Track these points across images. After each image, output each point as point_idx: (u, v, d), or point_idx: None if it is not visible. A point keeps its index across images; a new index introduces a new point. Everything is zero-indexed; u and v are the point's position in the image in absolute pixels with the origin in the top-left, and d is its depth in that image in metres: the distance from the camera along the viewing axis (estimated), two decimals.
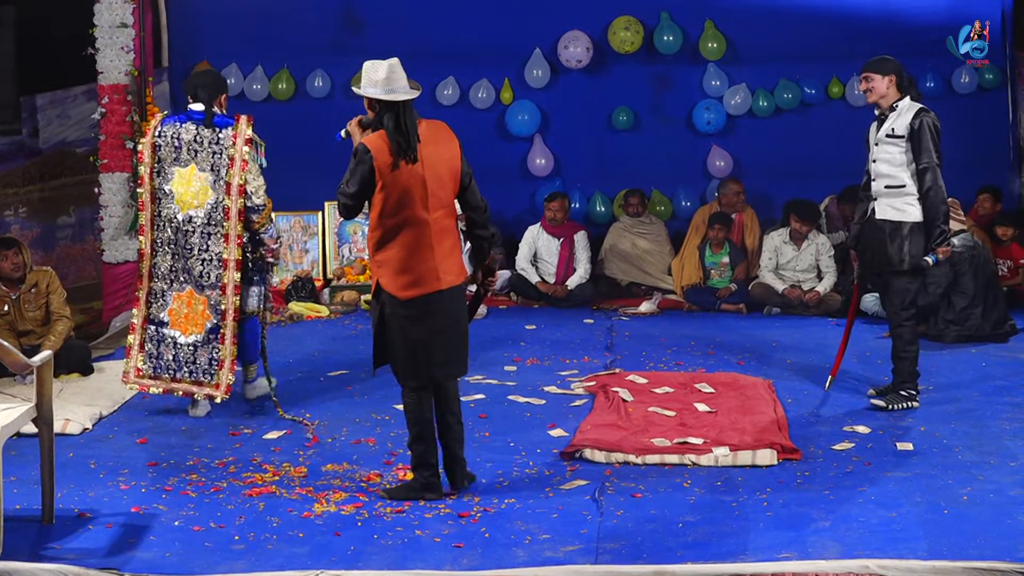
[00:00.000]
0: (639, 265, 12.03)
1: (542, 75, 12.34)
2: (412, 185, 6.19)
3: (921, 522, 5.89)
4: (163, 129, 7.91)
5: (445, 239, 6.32)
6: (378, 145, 6.22)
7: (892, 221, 7.92)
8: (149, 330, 7.98)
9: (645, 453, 6.90)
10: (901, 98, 7.96)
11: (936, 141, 7.87)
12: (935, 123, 7.89)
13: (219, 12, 12.34)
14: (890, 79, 7.94)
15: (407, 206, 6.19)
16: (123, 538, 5.84)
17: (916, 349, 8.02)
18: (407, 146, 6.21)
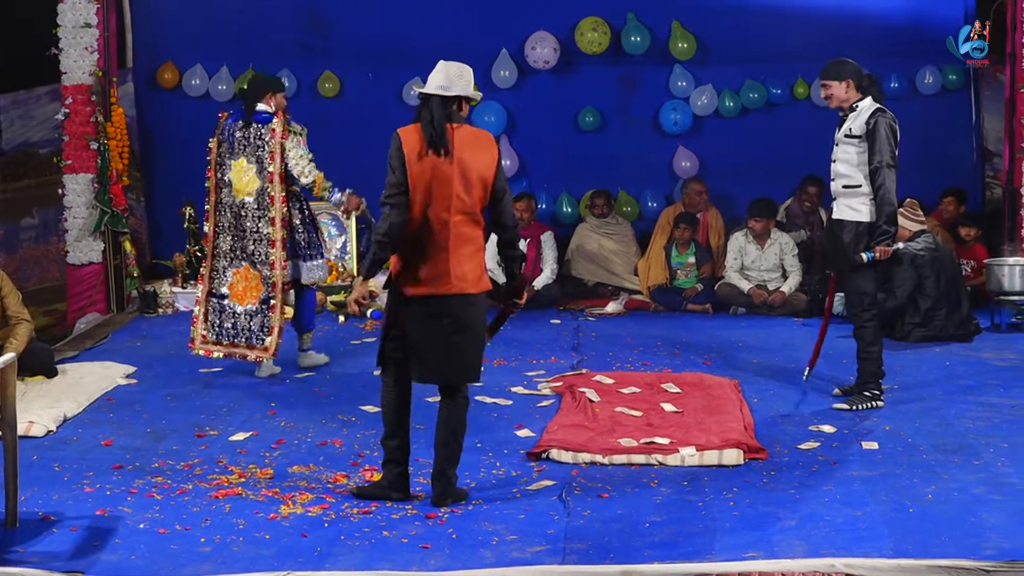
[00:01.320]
0: (605, 266, 12.05)
1: (509, 75, 12.35)
2: (437, 182, 6.17)
3: (886, 521, 5.91)
4: (224, 126, 9.00)
5: (464, 245, 6.22)
6: (409, 132, 6.30)
7: (848, 221, 7.97)
8: (212, 302, 9.02)
9: (612, 453, 6.90)
10: (861, 98, 7.99)
11: (892, 142, 7.89)
12: (891, 124, 7.91)
13: (184, 13, 12.30)
14: (847, 83, 7.97)
15: (430, 203, 6.17)
16: (88, 541, 5.80)
17: (879, 349, 8.06)
18: (437, 138, 6.20)
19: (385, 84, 12.50)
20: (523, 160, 12.57)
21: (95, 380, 8.66)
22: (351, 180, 11.86)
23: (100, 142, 11.11)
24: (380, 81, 12.50)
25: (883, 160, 7.84)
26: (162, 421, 7.81)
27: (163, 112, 12.39)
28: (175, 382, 8.79)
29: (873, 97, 8.02)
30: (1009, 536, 5.65)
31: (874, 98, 8.01)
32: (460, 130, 6.27)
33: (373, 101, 12.44)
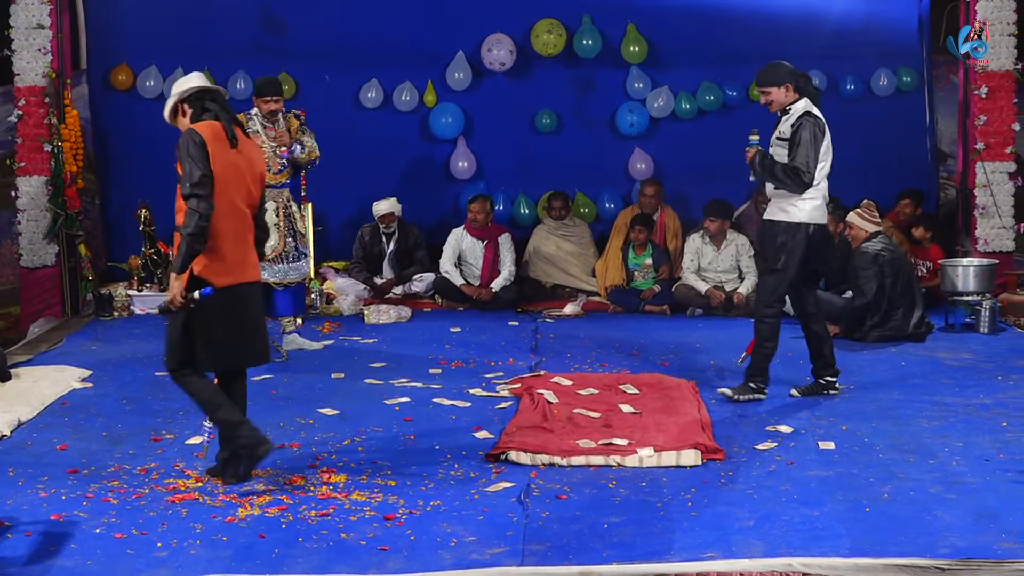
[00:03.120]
0: (563, 267, 12.07)
1: (465, 78, 12.35)
2: (235, 175, 6.47)
3: (843, 520, 5.94)
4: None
5: (249, 234, 6.62)
6: (205, 128, 6.46)
7: (775, 221, 8.06)
8: None
9: (570, 455, 6.91)
10: (797, 99, 8.04)
11: (812, 148, 7.88)
12: (815, 130, 7.91)
13: (138, 14, 12.23)
14: (786, 87, 8.02)
15: (232, 195, 6.45)
16: (43, 546, 5.75)
17: (774, 346, 8.17)
18: (232, 134, 6.49)
19: (341, 86, 12.47)
20: (480, 162, 12.57)
21: (50, 384, 8.59)
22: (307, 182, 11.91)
23: (54, 144, 11.03)
24: (336, 83, 12.47)
25: (795, 166, 7.86)
26: (118, 425, 7.76)
27: (117, 114, 12.31)
28: (131, 386, 8.73)
29: (809, 97, 8.05)
30: (964, 534, 5.69)
31: (810, 97, 8.06)
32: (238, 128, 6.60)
33: (329, 102, 12.41)
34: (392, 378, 8.84)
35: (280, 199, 9.45)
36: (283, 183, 9.52)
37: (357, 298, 11.52)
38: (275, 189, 9.37)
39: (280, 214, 9.43)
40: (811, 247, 8.01)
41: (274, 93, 9.48)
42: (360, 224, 12.20)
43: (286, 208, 9.48)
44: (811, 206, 7.99)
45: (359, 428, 7.60)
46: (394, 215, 11.96)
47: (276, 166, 9.42)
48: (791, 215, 7.99)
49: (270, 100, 9.44)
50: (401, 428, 7.62)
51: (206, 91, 6.60)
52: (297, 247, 9.52)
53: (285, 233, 9.45)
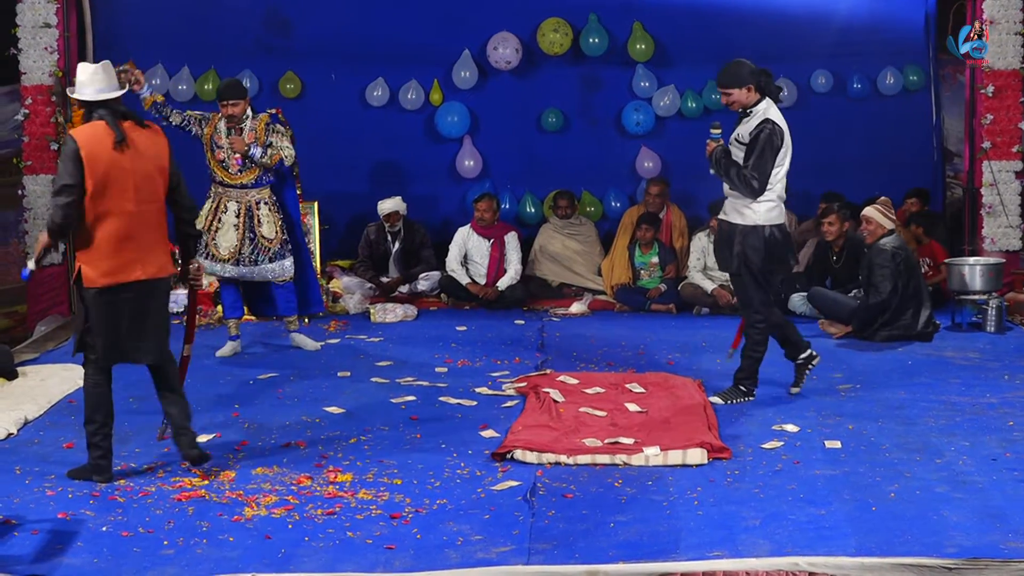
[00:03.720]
0: (569, 266, 12.07)
1: (471, 76, 12.35)
2: (117, 175, 6.48)
3: (850, 519, 5.94)
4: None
5: (153, 231, 6.63)
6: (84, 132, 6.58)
7: (731, 223, 8.04)
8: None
9: (576, 453, 6.91)
10: (759, 99, 7.97)
11: (767, 157, 7.81)
12: (774, 138, 7.83)
13: (144, 12, 12.24)
14: (748, 88, 7.93)
15: (106, 198, 6.46)
16: (50, 544, 5.76)
17: (763, 351, 8.15)
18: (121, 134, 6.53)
19: (347, 84, 12.47)
20: (486, 161, 12.57)
21: (56, 382, 8.60)
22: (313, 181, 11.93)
23: (60, 143, 11.04)
24: (342, 81, 12.47)
25: (746, 174, 7.82)
26: (124, 423, 7.75)
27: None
28: (137, 385, 8.67)
29: (771, 95, 7.99)
30: (971, 534, 5.68)
31: (771, 96, 7.99)
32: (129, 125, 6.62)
33: (335, 102, 12.42)
34: (398, 377, 8.85)
35: (244, 200, 9.40)
36: (245, 184, 9.40)
37: (363, 297, 11.52)
38: (236, 189, 9.40)
39: (242, 215, 9.39)
40: (770, 248, 7.97)
41: (232, 97, 9.31)
42: (366, 222, 12.21)
43: (248, 209, 9.40)
44: (766, 208, 7.94)
45: (365, 427, 7.60)
46: (399, 214, 11.96)
47: (235, 166, 9.37)
48: (747, 217, 7.95)
49: (227, 104, 9.30)
50: (407, 427, 7.62)
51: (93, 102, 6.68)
52: (257, 251, 9.40)
53: (243, 235, 9.39)
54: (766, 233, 7.94)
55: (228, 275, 9.47)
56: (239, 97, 9.35)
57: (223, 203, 9.42)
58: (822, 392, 8.35)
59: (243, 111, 9.37)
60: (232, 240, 9.37)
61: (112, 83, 6.73)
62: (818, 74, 12.41)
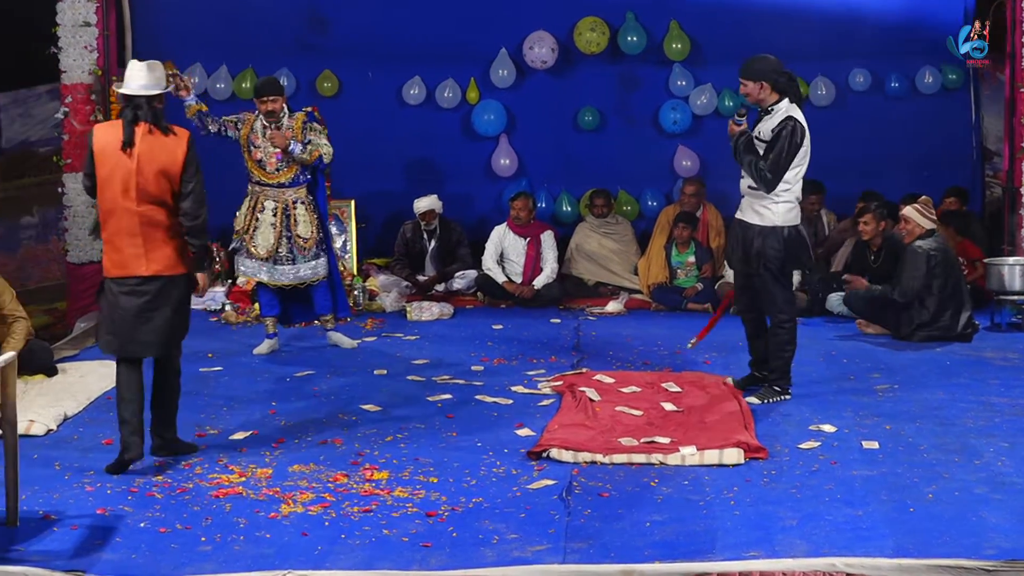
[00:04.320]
0: (605, 265, 12.05)
1: (508, 75, 12.36)
2: (120, 175, 6.73)
3: (887, 520, 5.91)
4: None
5: (153, 231, 6.76)
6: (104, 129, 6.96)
7: (748, 223, 8.03)
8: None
9: (612, 452, 6.90)
10: (779, 100, 7.94)
11: (786, 155, 7.80)
12: (795, 138, 7.81)
13: (183, 11, 12.29)
14: (761, 84, 7.90)
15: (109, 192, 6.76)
16: (89, 540, 5.80)
17: (793, 350, 8.14)
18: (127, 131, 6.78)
19: (384, 83, 12.50)
20: (522, 159, 12.58)
21: (96, 379, 8.65)
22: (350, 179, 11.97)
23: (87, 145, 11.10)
24: (379, 80, 12.51)
25: (762, 168, 7.83)
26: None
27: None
28: None
29: (791, 97, 7.94)
30: (1010, 535, 5.65)
31: (793, 98, 7.94)
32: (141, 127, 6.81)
33: (372, 100, 12.45)
34: (434, 375, 8.86)
35: (282, 199, 9.42)
36: (283, 183, 9.40)
37: (399, 295, 11.54)
38: (274, 188, 9.41)
39: (278, 213, 9.42)
40: (789, 248, 7.97)
41: (270, 93, 9.35)
42: (402, 221, 12.23)
43: (285, 208, 9.42)
44: (784, 209, 7.95)
45: (401, 425, 7.62)
46: (435, 212, 11.98)
47: (272, 165, 9.38)
48: (765, 218, 7.95)
49: (267, 100, 9.32)
50: (443, 425, 7.63)
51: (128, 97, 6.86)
52: (293, 251, 9.42)
53: (280, 234, 9.41)
54: (785, 234, 7.95)
55: (264, 279, 9.50)
56: (277, 93, 9.39)
57: (260, 202, 9.44)
58: (860, 392, 8.30)
59: (281, 108, 9.38)
60: (269, 239, 9.39)
61: (150, 81, 6.90)
62: (856, 73, 12.35)
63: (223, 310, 11.01)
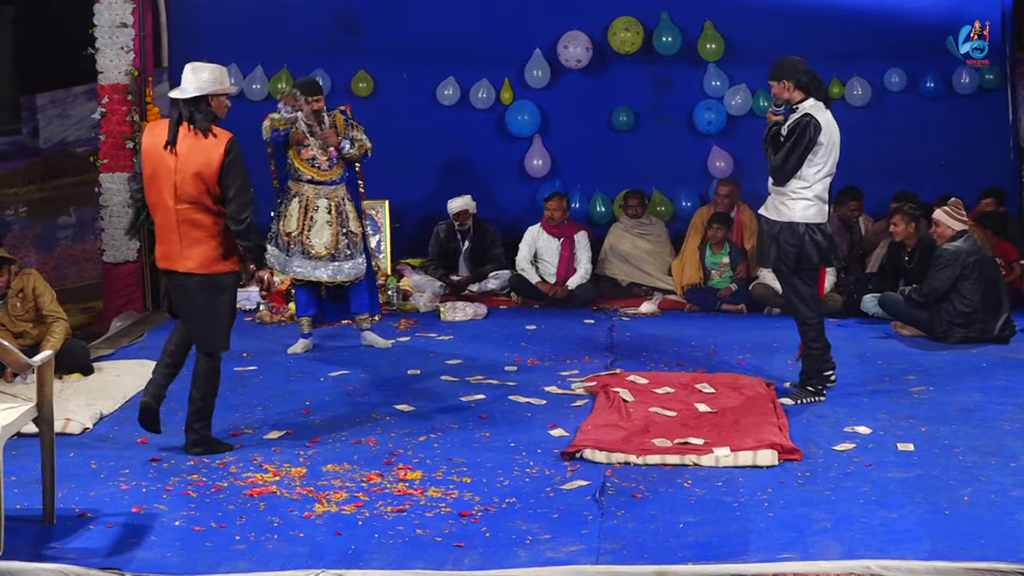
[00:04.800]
0: (639, 266, 12.03)
1: (542, 75, 12.35)
2: (161, 173, 6.90)
3: (922, 523, 5.88)
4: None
5: (191, 230, 6.91)
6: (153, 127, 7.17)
7: (769, 219, 8.09)
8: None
9: (646, 453, 6.89)
10: (804, 99, 8.00)
11: (798, 147, 7.85)
12: (809, 133, 7.85)
13: (219, 12, 12.35)
14: (784, 84, 7.98)
15: (153, 189, 6.95)
16: (124, 538, 5.84)
17: (821, 345, 8.14)
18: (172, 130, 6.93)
19: (418, 83, 12.52)
20: (556, 160, 12.57)
21: (131, 378, 8.70)
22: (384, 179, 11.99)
23: (136, 141, 11.16)
24: (414, 81, 12.52)
25: (778, 159, 7.91)
26: None
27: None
28: None
29: (816, 96, 8.00)
30: None
31: (819, 98, 8.00)
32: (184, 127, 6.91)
33: (407, 101, 12.47)
34: (468, 375, 8.87)
35: (334, 196, 9.48)
36: (334, 180, 9.49)
37: (433, 295, 11.56)
38: (327, 186, 9.46)
39: (333, 211, 9.47)
40: (805, 247, 7.98)
41: (315, 93, 9.45)
42: (436, 221, 12.25)
43: (339, 205, 9.50)
44: (802, 206, 7.96)
45: (435, 425, 7.63)
46: (468, 213, 11.99)
47: (325, 163, 9.44)
48: (782, 214, 8.02)
49: (312, 100, 9.40)
50: (477, 425, 7.64)
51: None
52: (349, 244, 9.50)
53: (338, 230, 9.47)
54: (801, 231, 7.97)
55: (317, 277, 9.47)
56: (322, 93, 9.55)
57: (312, 201, 9.46)
58: (895, 394, 8.27)
59: (323, 107, 9.51)
60: (327, 237, 9.41)
61: (190, 84, 6.99)
62: (892, 73, 12.29)
63: (258, 310, 11.05)
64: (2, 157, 10.91)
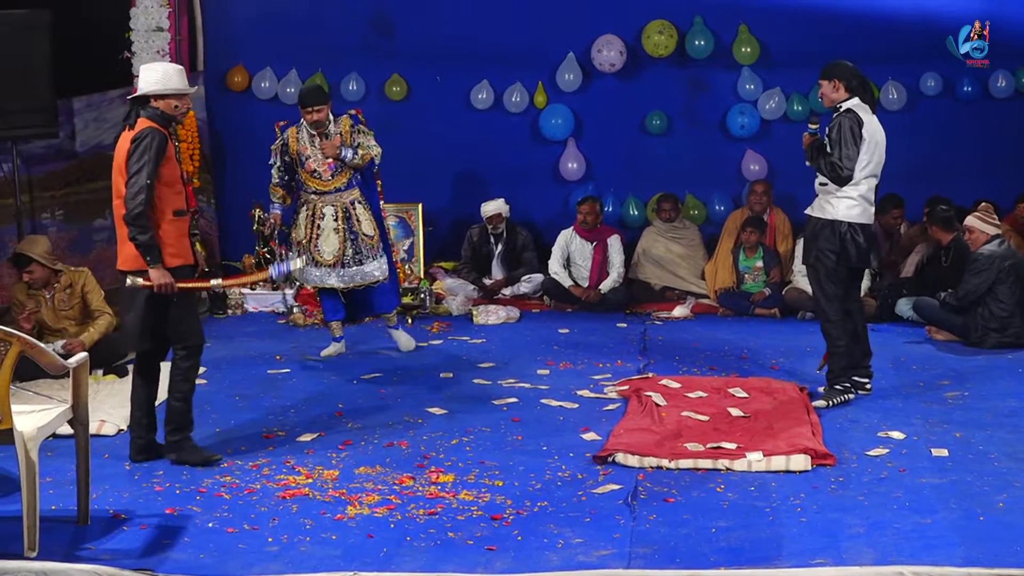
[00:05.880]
0: (672, 269, 12.01)
1: (575, 79, 12.34)
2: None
3: (956, 529, 5.85)
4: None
5: (121, 227, 6.95)
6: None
7: (815, 218, 8.17)
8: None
9: (678, 458, 6.88)
10: (848, 99, 8.10)
11: (849, 142, 7.95)
12: (853, 126, 7.97)
13: (254, 16, 12.39)
14: (835, 83, 8.12)
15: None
16: (157, 539, 5.88)
17: (846, 343, 8.15)
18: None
19: (452, 87, 12.53)
20: (590, 163, 12.55)
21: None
22: (417, 183, 12.00)
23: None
24: (447, 84, 12.53)
25: (831, 161, 7.99)
26: (230, 421, 7.89)
27: (233, 115, 12.49)
28: (243, 383, 8.86)
29: (861, 98, 8.11)
30: None
31: (863, 99, 8.12)
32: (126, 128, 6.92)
33: (440, 104, 12.48)
34: (500, 378, 8.87)
35: (340, 202, 9.36)
36: (339, 188, 9.35)
37: (466, 298, 11.56)
38: (330, 195, 9.35)
39: (340, 217, 9.35)
40: (844, 246, 8.00)
41: (314, 103, 9.23)
42: (470, 225, 12.26)
43: (345, 211, 9.35)
44: (846, 205, 8.02)
45: (467, 428, 7.64)
46: (502, 216, 11.99)
47: (327, 172, 9.32)
48: (826, 212, 8.09)
49: (311, 111, 9.22)
50: (509, 428, 7.65)
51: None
52: (361, 250, 9.38)
53: (344, 237, 9.34)
54: (843, 230, 8.00)
55: (331, 284, 9.44)
56: (322, 103, 9.27)
57: (319, 209, 9.37)
58: (929, 399, 8.23)
59: (326, 116, 9.29)
60: (334, 244, 9.36)
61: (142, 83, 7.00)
62: (927, 77, 12.21)
63: (291, 312, 11.08)
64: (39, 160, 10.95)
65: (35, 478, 5.70)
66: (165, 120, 6.94)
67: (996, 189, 11.63)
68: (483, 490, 6.46)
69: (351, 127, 9.37)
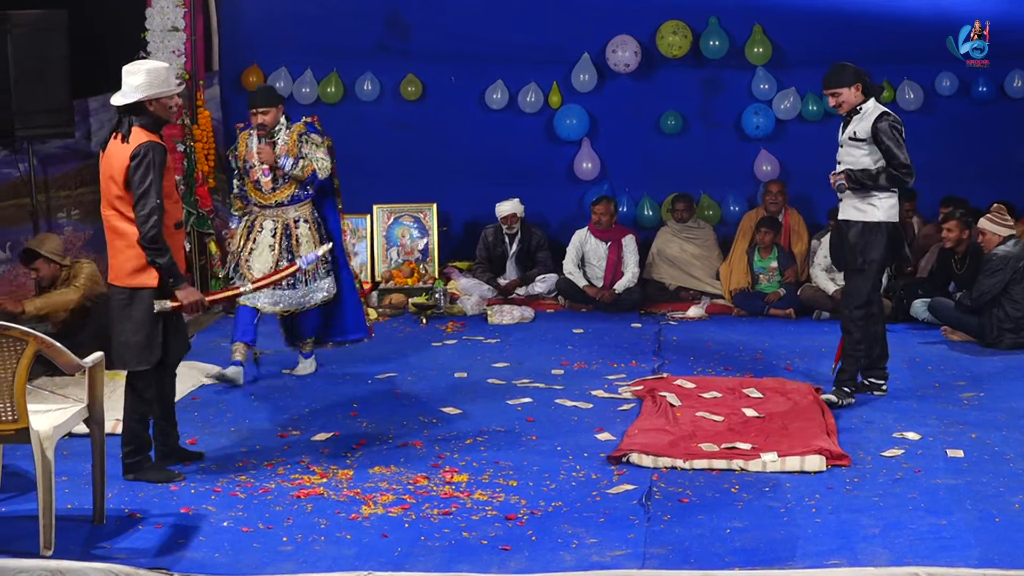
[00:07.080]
0: (687, 270, 12.00)
1: (590, 79, 12.34)
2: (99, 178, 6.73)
3: (972, 530, 5.84)
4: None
5: (115, 239, 6.65)
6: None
7: (852, 221, 8.09)
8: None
9: (693, 458, 6.88)
10: (865, 100, 8.09)
11: (900, 141, 7.95)
12: (896, 125, 7.98)
13: (269, 16, 12.42)
14: (856, 87, 8.09)
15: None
16: (172, 538, 5.89)
17: (865, 347, 8.15)
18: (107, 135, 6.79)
19: (467, 87, 12.54)
20: (604, 163, 12.55)
21: (180, 380, 8.73)
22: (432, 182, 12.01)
23: (187, 144, 11.24)
24: (462, 84, 12.54)
25: (902, 163, 7.94)
26: (245, 421, 7.91)
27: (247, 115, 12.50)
28: (258, 383, 8.87)
29: (875, 96, 8.14)
30: None
31: (876, 97, 8.16)
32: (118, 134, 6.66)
33: (455, 104, 12.49)
34: (514, 378, 8.88)
35: (282, 218, 8.69)
36: (281, 202, 8.67)
37: (481, 298, 11.57)
38: (271, 208, 8.70)
39: (278, 234, 8.67)
40: (892, 244, 8.06)
41: (262, 104, 8.64)
42: (484, 224, 12.26)
43: (286, 228, 8.66)
44: (889, 204, 8.06)
45: (481, 428, 7.64)
46: (516, 216, 12.00)
47: (267, 185, 8.69)
48: (868, 214, 8.05)
49: (256, 112, 8.63)
50: (523, 428, 7.65)
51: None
52: (295, 275, 8.42)
53: (280, 254, 8.62)
54: (891, 230, 8.05)
55: (262, 306, 8.72)
56: (269, 104, 8.67)
57: (259, 222, 8.74)
58: (944, 400, 8.21)
59: (274, 120, 8.68)
60: (267, 261, 8.63)
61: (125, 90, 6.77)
62: (943, 77, 12.19)
63: None
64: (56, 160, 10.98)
65: (51, 477, 5.72)
66: (158, 125, 6.73)
67: (1013, 190, 11.61)
68: (497, 490, 6.46)
69: (300, 135, 8.68)
